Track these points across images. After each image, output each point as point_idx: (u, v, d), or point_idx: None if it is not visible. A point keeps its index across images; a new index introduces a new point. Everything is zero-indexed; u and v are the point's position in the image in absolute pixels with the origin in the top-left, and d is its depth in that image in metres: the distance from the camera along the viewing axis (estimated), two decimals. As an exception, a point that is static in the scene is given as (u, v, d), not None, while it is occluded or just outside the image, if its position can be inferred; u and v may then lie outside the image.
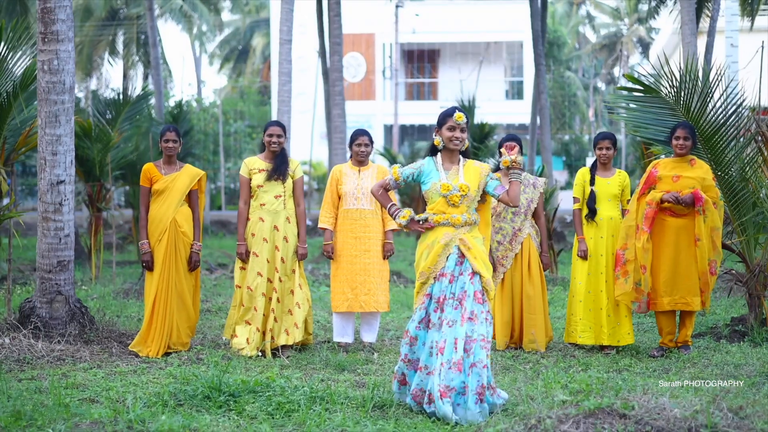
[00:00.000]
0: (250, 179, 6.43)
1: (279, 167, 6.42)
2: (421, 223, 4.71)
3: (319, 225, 6.64)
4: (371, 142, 6.71)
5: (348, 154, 6.87)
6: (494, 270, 6.40)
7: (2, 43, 6.84)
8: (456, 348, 4.48)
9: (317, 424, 4.27)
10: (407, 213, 4.72)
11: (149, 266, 6.35)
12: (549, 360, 6.09)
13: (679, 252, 6.21)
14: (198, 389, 4.73)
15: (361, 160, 6.66)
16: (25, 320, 6.39)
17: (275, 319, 6.29)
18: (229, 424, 4.27)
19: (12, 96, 6.96)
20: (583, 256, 6.46)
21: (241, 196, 6.47)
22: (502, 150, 5.02)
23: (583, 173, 6.62)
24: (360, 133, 6.71)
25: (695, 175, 6.21)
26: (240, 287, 6.38)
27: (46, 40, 6.23)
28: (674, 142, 6.28)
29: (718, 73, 7.08)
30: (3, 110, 6.97)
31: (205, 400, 4.65)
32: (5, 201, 7.67)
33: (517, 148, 5.04)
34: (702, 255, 6.14)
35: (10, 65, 7.07)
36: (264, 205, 6.38)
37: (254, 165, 6.47)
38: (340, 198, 6.63)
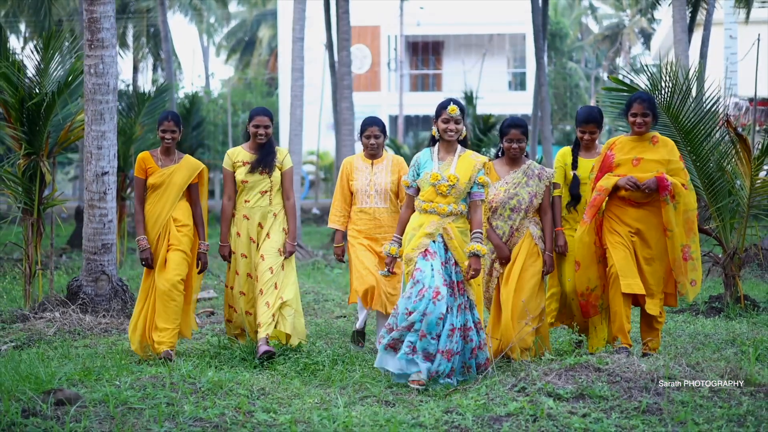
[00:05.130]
0: (234, 172, 5.80)
1: (264, 158, 5.78)
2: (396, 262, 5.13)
3: (329, 225, 6.07)
4: (383, 132, 5.94)
5: (356, 146, 6.57)
6: (490, 273, 5.51)
7: (49, 50, 7.56)
8: (451, 337, 4.78)
9: (340, 380, 5.02)
10: (392, 251, 5.08)
11: (149, 264, 5.73)
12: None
13: (641, 248, 5.30)
14: (236, 353, 5.50)
15: (373, 153, 5.97)
16: (73, 297, 7.16)
17: (254, 317, 5.81)
18: (265, 379, 5.03)
19: (56, 94, 7.68)
20: (561, 252, 5.53)
21: (224, 192, 5.85)
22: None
23: (563, 155, 5.72)
24: (369, 122, 5.96)
25: (659, 156, 5.29)
26: (228, 287, 5.98)
27: (92, 46, 6.97)
28: (631, 119, 5.31)
29: (696, 70, 7.68)
30: (48, 108, 7.70)
31: (242, 361, 5.44)
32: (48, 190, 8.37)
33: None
34: (673, 245, 5.25)
35: (51, 70, 7.81)
36: (248, 201, 5.79)
37: (238, 157, 5.83)
38: (352, 194, 6.01)
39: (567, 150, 5.73)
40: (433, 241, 4.90)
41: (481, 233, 4.95)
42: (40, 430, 3.83)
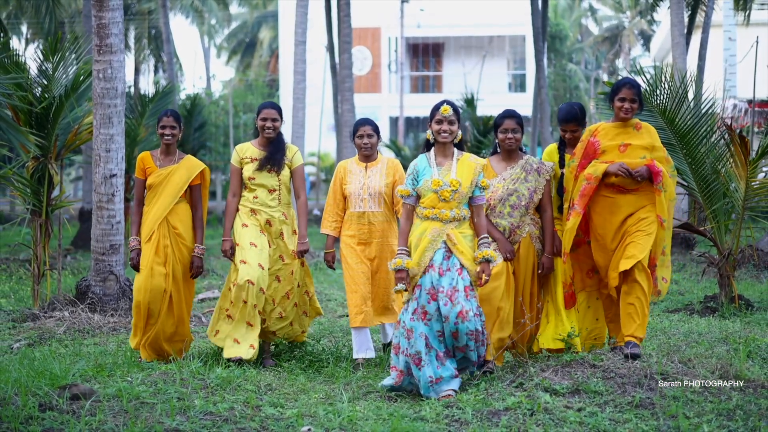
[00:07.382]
0: (242, 169, 5.70)
1: (273, 156, 5.65)
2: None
3: (321, 230, 5.91)
4: (376, 132, 5.77)
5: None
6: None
7: (56, 54, 7.72)
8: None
9: (344, 376, 5.19)
10: (398, 263, 4.78)
11: (135, 265, 5.64)
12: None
13: (632, 234, 5.09)
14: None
15: (367, 155, 5.80)
16: (82, 296, 7.32)
17: (265, 319, 5.68)
18: (272, 375, 5.19)
19: (64, 98, 7.84)
20: (557, 252, 5.28)
21: (230, 188, 5.72)
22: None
23: (550, 154, 5.51)
24: (361, 123, 5.80)
25: (644, 142, 5.17)
26: (228, 289, 5.69)
27: (101, 51, 7.13)
28: (617, 104, 5.15)
29: (693, 74, 7.85)
30: (56, 111, 7.86)
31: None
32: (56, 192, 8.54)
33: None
34: (661, 237, 5.12)
35: (58, 73, 7.97)
36: (256, 198, 5.66)
37: (246, 153, 5.71)
38: (345, 198, 5.84)
39: (553, 148, 5.52)
40: (437, 250, 4.78)
41: (489, 237, 4.88)
42: (57, 424, 3.99)
